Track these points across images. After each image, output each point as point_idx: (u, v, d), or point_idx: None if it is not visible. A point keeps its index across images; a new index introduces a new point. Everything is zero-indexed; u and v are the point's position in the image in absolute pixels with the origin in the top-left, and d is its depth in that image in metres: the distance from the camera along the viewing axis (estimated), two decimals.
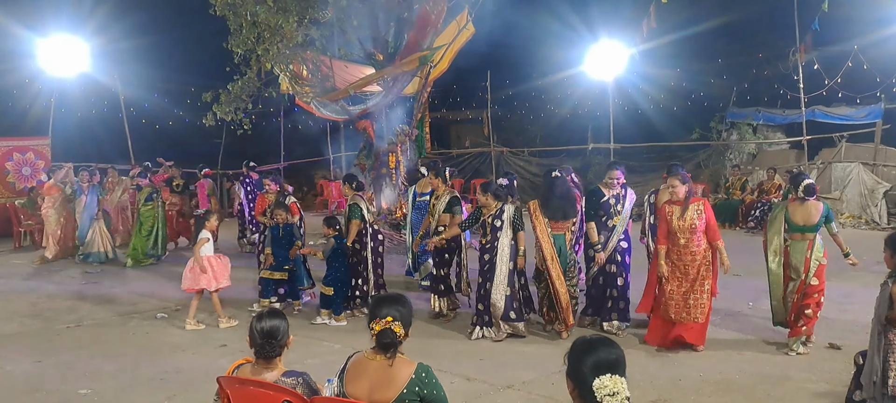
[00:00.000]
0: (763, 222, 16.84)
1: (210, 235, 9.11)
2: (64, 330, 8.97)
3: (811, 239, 7.56)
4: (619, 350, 2.93)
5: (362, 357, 3.74)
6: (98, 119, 21.72)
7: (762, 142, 22.51)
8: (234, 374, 3.90)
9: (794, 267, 7.61)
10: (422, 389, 3.59)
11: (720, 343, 7.99)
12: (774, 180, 17.98)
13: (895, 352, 5.02)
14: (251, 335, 3.89)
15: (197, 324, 8.86)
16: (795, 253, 7.61)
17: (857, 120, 19.66)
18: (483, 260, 8.26)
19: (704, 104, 23.54)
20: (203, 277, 8.76)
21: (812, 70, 18.98)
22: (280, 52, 14.15)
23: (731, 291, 10.49)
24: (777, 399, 6.29)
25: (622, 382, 2.78)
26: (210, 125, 15.83)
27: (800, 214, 7.59)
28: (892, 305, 5.01)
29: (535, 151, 25.41)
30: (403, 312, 3.73)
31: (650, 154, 22.90)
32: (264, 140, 23.84)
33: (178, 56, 21.67)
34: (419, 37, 15.15)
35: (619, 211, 8.45)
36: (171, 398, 6.55)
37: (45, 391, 6.80)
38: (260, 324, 3.87)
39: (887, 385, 5.00)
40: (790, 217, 7.64)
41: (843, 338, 7.92)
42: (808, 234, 7.56)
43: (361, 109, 16.39)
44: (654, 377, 6.89)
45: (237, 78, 14.93)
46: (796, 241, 7.63)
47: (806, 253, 7.55)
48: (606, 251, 8.41)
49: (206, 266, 8.74)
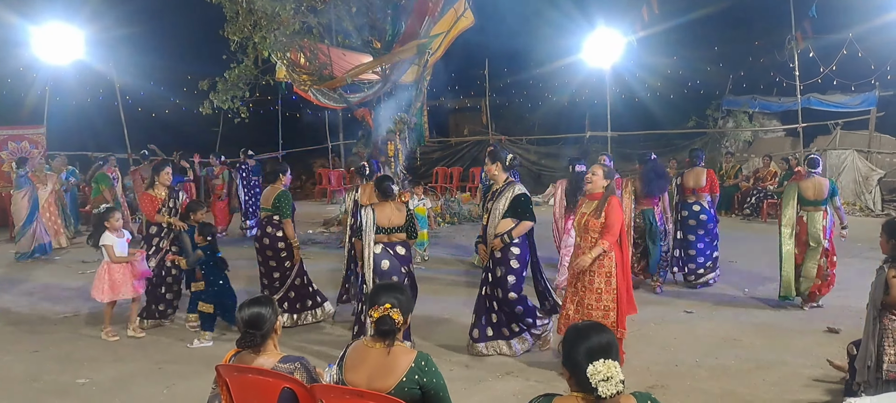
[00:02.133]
0: (758, 209, 16.94)
1: (113, 235, 7.99)
2: (61, 320, 8.98)
3: (823, 210, 8.61)
4: (611, 336, 2.98)
5: (361, 344, 3.74)
6: (94, 107, 21.65)
7: (758, 130, 22.55)
8: (232, 362, 3.87)
9: (814, 236, 8.56)
10: (421, 377, 3.58)
11: (716, 329, 8.04)
12: (770, 167, 18.03)
13: (890, 337, 5.06)
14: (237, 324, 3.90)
15: (136, 330, 8.11)
16: (813, 224, 8.56)
17: (851, 107, 19.73)
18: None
19: (701, 92, 23.55)
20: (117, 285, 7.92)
21: (807, 58, 19.01)
22: (277, 39, 14.09)
23: (727, 277, 10.57)
24: (772, 385, 6.33)
25: (616, 366, 2.81)
26: (207, 113, 15.80)
27: (811, 189, 8.61)
28: (888, 290, 5.05)
29: (533, 139, 25.43)
30: (402, 300, 3.73)
31: (647, 141, 22.89)
32: (262, 128, 23.82)
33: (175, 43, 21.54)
34: (417, 24, 15.11)
35: None
36: (170, 387, 6.56)
37: (43, 380, 6.81)
38: (241, 313, 3.85)
39: (882, 369, 5.05)
40: (802, 193, 8.65)
41: (839, 323, 7.99)
42: (820, 207, 8.60)
43: (360, 97, 16.36)
44: (651, 362, 6.93)
45: (234, 66, 14.90)
46: (811, 213, 8.61)
47: (823, 221, 8.58)
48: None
49: (102, 273, 7.93)
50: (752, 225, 16.20)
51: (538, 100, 26.55)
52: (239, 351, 3.90)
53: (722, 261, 10.68)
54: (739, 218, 17.25)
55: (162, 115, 23.52)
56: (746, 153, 21.70)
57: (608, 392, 2.77)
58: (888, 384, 4.98)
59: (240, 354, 3.89)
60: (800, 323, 8.21)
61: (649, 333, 7.96)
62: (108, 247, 7.88)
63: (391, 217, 6.98)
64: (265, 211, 8.42)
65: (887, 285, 5.06)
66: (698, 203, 10.10)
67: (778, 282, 8.90)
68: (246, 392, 3.75)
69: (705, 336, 7.82)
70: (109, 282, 7.90)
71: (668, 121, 23.41)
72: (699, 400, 6.04)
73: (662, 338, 7.76)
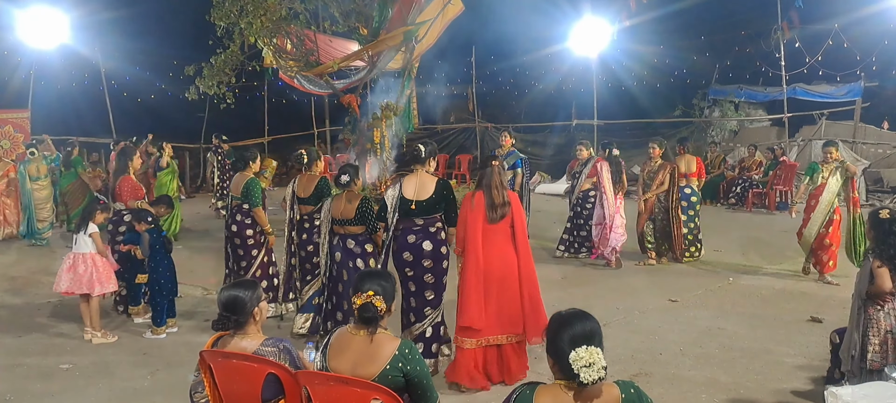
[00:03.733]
0: (744, 199, 17.02)
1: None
2: (45, 305, 8.93)
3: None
4: (594, 323, 2.97)
5: (346, 331, 3.74)
6: (79, 92, 21.42)
7: (744, 120, 22.65)
8: (216, 347, 3.85)
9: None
10: (405, 365, 3.58)
11: (700, 318, 8.08)
12: (755, 157, 18.10)
13: (874, 327, 5.10)
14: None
15: (105, 335, 7.57)
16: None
17: (837, 98, 19.88)
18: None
19: (687, 81, 23.61)
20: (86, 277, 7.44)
21: (793, 48, 19.11)
22: (263, 25, 14.02)
23: (712, 266, 10.64)
24: (756, 373, 6.38)
25: (598, 352, 2.81)
26: (193, 99, 15.72)
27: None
28: (873, 280, 5.08)
29: (520, 127, 25.44)
30: (386, 287, 3.73)
31: (633, 130, 22.95)
32: (248, 114, 23.69)
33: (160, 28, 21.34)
34: (404, 11, 15.04)
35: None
36: (154, 373, 6.54)
37: (27, 365, 6.78)
38: (220, 295, 3.84)
39: (866, 359, 5.08)
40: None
41: (822, 313, 8.05)
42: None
43: (346, 84, 16.30)
44: (635, 350, 6.96)
45: (220, 51, 14.81)
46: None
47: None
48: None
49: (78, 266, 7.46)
50: (737, 215, 16.27)
51: (525, 88, 26.52)
52: (222, 336, 3.88)
53: (707, 249, 10.82)
54: (724, 208, 17.32)
55: (147, 100, 23.35)
56: (732, 142, 21.80)
57: (590, 379, 2.76)
58: (872, 374, 5.02)
59: (223, 338, 3.87)
60: (784, 313, 8.26)
61: (633, 321, 7.99)
62: (95, 236, 7.51)
63: (344, 209, 6.59)
64: (235, 199, 8.27)
65: (872, 275, 5.09)
66: (689, 186, 11.23)
67: (762, 271, 8.97)
68: (230, 377, 3.74)
69: (689, 324, 7.86)
70: (89, 275, 7.41)
71: (654, 110, 23.47)
72: (682, 388, 6.07)
73: (647, 327, 7.79)
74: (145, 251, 7.69)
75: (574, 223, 11.49)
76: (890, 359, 5.01)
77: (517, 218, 6.05)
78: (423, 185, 6.28)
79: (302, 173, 7.85)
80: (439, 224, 6.34)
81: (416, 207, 6.22)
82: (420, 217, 6.25)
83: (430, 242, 6.23)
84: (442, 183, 6.34)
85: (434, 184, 6.28)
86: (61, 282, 7.42)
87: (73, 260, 7.44)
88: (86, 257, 7.43)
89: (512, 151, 11.93)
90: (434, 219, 6.30)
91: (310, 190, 7.66)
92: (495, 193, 5.98)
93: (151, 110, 21.98)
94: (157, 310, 7.69)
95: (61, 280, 7.42)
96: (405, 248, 6.25)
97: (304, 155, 7.83)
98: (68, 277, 7.39)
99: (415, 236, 6.23)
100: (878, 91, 19.98)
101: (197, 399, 3.84)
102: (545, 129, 24.93)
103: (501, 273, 5.98)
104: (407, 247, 6.24)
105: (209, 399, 3.80)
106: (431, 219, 6.28)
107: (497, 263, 5.97)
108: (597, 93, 21.59)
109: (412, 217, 6.25)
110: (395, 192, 6.35)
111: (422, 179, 6.32)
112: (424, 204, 6.22)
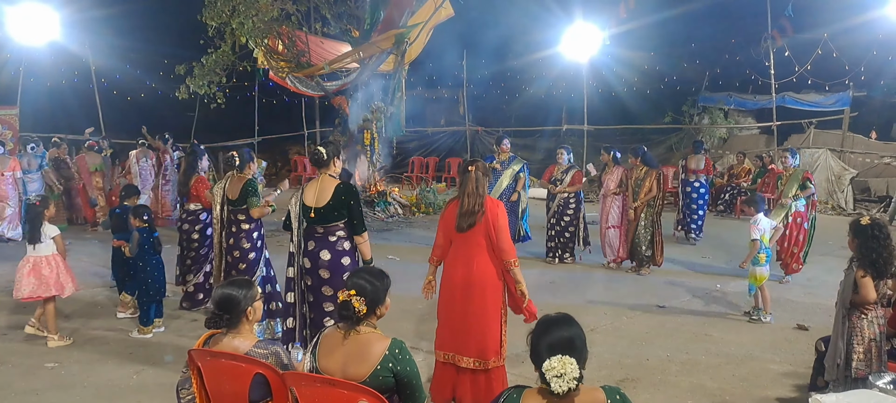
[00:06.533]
0: (733, 205, 17.09)
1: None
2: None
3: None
4: (577, 329, 2.97)
5: (335, 330, 3.72)
6: (69, 89, 21.33)
7: (733, 127, 22.75)
8: (206, 346, 3.82)
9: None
10: (395, 365, 3.57)
11: (687, 324, 8.11)
12: (744, 164, 18.17)
13: (858, 335, 5.12)
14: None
15: (61, 338, 7.35)
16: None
17: (825, 107, 19.98)
18: None
19: (677, 88, 23.67)
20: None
21: (783, 57, 19.19)
22: (255, 26, 14.01)
23: (700, 273, 10.67)
24: (741, 379, 6.41)
25: (571, 363, 2.79)
26: (183, 98, 15.68)
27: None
28: (857, 289, 5.10)
29: (510, 131, 25.42)
30: (375, 286, 3.70)
31: (623, 136, 22.99)
32: (238, 114, 23.65)
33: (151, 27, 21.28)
34: (395, 13, 15.07)
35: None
36: (140, 372, 6.52)
37: (11, 364, 6.75)
38: (214, 293, 3.83)
39: (851, 367, 5.11)
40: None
41: (808, 320, 8.11)
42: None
43: (337, 85, 16.31)
44: (622, 356, 6.98)
45: (211, 51, 14.79)
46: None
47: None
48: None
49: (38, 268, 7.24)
50: (725, 222, 16.33)
51: (515, 92, 26.56)
52: (213, 334, 3.86)
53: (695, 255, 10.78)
54: (713, 215, 17.35)
55: (137, 99, 23.28)
56: (721, 150, 21.89)
57: (560, 389, 2.76)
58: (856, 382, 5.04)
59: (214, 337, 3.85)
60: (770, 320, 8.30)
61: (621, 327, 8.02)
62: (57, 239, 7.26)
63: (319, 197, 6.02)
64: (230, 204, 7.73)
65: (856, 284, 5.12)
66: (698, 180, 13.45)
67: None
68: (218, 376, 3.72)
69: (676, 330, 7.89)
70: (54, 277, 7.23)
71: (644, 117, 23.54)
72: (669, 394, 6.10)
73: (634, 332, 7.82)
74: (134, 249, 7.63)
75: (555, 229, 11.49)
76: (874, 367, 5.03)
77: (494, 229, 5.41)
78: (322, 190, 5.92)
79: (233, 174, 7.67)
80: (341, 233, 5.95)
81: (315, 215, 5.88)
82: (320, 225, 5.90)
83: (329, 252, 5.89)
84: (342, 188, 5.92)
85: (333, 190, 5.89)
86: (22, 288, 7.14)
87: (33, 263, 7.18)
88: (49, 259, 7.22)
89: (513, 157, 11.84)
90: (335, 228, 5.92)
91: (236, 192, 7.46)
92: (466, 200, 5.45)
93: (141, 109, 21.88)
94: (144, 310, 7.61)
95: (22, 285, 7.14)
96: (305, 255, 5.97)
97: (237, 157, 7.71)
98: (31, 281, 7.13)
99: (314, 243, 5.93)
100: (866, 100, 20.10)
101: (183, 396, 3.82)
102: (535, 134, 24.95)
103: (464, 283, 5.46)
104: (306, 254, 5.96)
105: (195, 397, 3.78)
106: (332, 228, 5.91)
107: (461, 274, 5.48)
108: (587, 98, 21.62)
109: (313, 224, 5.92)
110: (296, 199, 6.07)
111: (323, 184, 5.95)
112: (322, 212, 5.87)
